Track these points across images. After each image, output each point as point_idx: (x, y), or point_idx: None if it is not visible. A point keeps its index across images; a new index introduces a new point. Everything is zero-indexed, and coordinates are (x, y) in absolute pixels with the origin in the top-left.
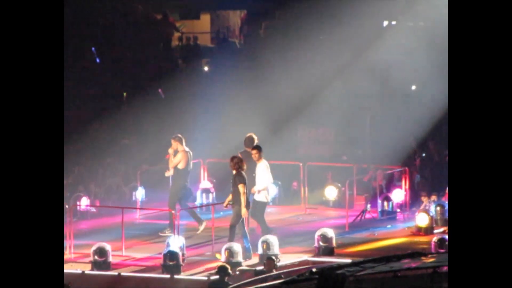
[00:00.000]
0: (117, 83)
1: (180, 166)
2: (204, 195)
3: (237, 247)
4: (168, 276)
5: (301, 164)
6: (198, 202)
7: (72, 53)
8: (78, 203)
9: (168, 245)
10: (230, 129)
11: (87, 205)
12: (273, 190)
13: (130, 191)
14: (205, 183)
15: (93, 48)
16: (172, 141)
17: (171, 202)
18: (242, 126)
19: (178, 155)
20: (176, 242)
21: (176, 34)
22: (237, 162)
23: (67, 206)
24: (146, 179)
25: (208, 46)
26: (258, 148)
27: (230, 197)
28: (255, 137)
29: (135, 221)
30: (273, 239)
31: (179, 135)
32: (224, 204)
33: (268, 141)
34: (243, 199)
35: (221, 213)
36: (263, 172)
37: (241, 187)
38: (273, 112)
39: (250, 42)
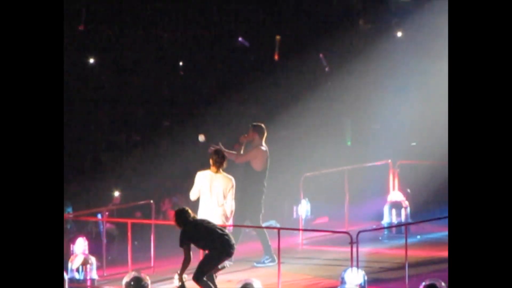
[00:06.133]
0: None
1: (257, 168)
2: (394, 211)
3: None
4: None
5: None
6: (386, 221)
7: None
8: None
9: (343, 282)
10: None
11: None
12: None
13: (290, 204)
14: (395, 194)
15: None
16: (250, 130)
17: (255, 217)
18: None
19: (254, 151)
20: (353, 278)
21: None
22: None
23: None
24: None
25: None
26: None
27: None
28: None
29: (297, 248)
30: None
31: (262, 125)
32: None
33: None
34: None
35: (418, 236)
36: None
37: None
38: None
39: None
